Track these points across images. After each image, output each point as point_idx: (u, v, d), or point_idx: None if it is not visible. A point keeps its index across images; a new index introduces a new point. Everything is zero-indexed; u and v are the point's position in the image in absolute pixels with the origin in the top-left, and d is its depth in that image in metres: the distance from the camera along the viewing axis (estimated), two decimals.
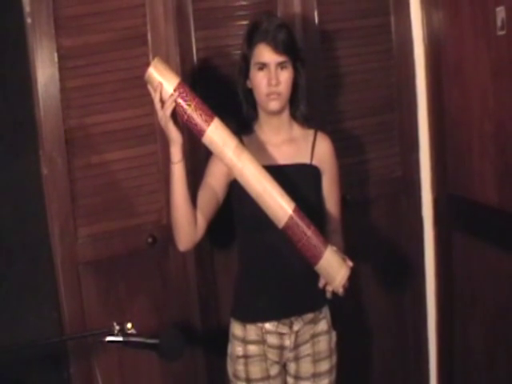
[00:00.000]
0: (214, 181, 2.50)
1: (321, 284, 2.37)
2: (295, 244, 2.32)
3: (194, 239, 2.47)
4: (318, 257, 2.31)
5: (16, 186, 2.68)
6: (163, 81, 2.25)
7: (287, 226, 2.30)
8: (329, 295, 2.38)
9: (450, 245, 3.31)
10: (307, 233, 2.29)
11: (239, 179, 2.33)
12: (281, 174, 2.42)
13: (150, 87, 2.30)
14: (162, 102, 2.26)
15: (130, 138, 2.84)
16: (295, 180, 2.50)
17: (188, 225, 2.42)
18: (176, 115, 2.28)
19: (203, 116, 2.27)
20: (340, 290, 2.35)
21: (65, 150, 2.74)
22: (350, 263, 2.36)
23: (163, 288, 2.96)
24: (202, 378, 3.06)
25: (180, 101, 2.25)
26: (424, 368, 3.51)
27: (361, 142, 3.24)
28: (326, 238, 2.40)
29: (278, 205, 2.30)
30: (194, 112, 2.26)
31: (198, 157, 2.80)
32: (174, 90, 2.24)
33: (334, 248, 2.35)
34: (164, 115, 2.27)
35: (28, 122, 2.70)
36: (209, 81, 2.93)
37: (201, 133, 2.28)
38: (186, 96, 2.26)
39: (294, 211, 2.29)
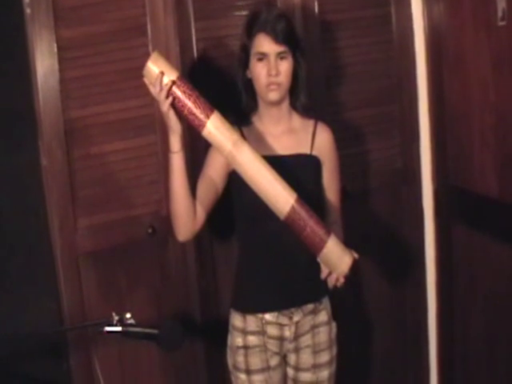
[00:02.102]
0: (214, 172, 2.50)
1: (323, 274, 2.37)
2: (298, 234, 2.32)
3: (193, 230, 2.47)
4: (320, 246, 2.32)
5: (15, 177, 2.67)
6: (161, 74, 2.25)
7: (289, 217, 2.30)
8: (331, 285, 2.39)
9: (451, 236, 3.31)
10: (309, 223, 2.30)
11: (240, 172, 2.33)
12: (281, 165, 2.42)
13: (146, 81, 2.29)
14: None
15: (129, 128, 2.83)
16: (295, 170, 2.50)
17: (187, 215, 2.42)
18: (172, 103, 2.28)
19: (203, 110, 2.27)
20: (341, 281, 2.36)
21: (64, 141, 2.73)
22: (355, 254, 2.37)
23: (163, 278, 2.96)
24: (202, 369, 3.06)
25: (179, 95, 2.25)
26: (424, 358, 3.52)
27: (361, 132, 3.24)
28: (328, 227, 2.40)
29: (280, 196, 2.30)
30: (193, 106, 2.26)
31: (198, 148, 2.79)
32: (173, 84, 2.24)
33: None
34: (164, 106, 2.26)
35: (27, 113, 2.70)
36: (208, 71, 2.92)
37: (201, 127, 2.28)
38: (186, 90, 2.26)
39: (296, 202, 2.30)
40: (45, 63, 2.69)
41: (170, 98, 2.26)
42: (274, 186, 2.30)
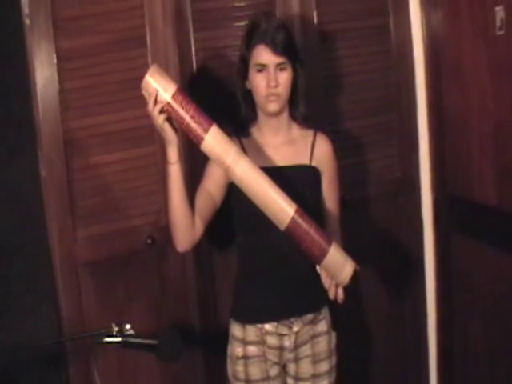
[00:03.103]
0: (213, 182, 2.50)
1: (327, 284, 2.37)
2: (299, 245, 2.32)
3: (192, 240, 2.47)
4: (322, 255, 2.31)
5: (15, 187, 2.67)
6: (159, 88, 2.24)
7: (289, 228, 2.30)
8: (331, 296, 2.38)
9: (450, 245, 3.31)
10: (310, 233, 2.29)
11: (239, 185, 2.33)
12: (280, 176, 2.42)
13: (144, 93, 2.29)
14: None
15: (128, 139, 2.84)
16: (294, 181, 2.50)
17: (186, 225, 2.42)
18: (171, 116, 2.28)
19: (201, 123, 2.26)
20: (341, 293, 2.35)
21: (63, 152, 2.74)
22: (357, 266, 2.36)
23: (162, 289, 2.96)
24: (201, 379, 3.06)
25: (178, 108, 2.24)
26: (424, 368, 3.51)
27: (360, 142, 3.24)
28: (329, 235, 2.40)
29: (280, 208, 2.29)
30: (191, 120, 2.24)
31: (197, 158, 2.79)
32: (172, 97, 2.24)
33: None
34: (158, 120, 2.26)
35: (27, 123, 2.70)
36: (208, 82, 2.93)
37: (199, 140, 2.27)
38: (184, 103, 2.24)
39: (296, 213, 2.29)
40: (44, 74, 2.69)
41: (164, 114, 2.25)
42: (273, 199, 2.29)
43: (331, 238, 2.37)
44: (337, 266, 2.34)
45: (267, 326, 2.56)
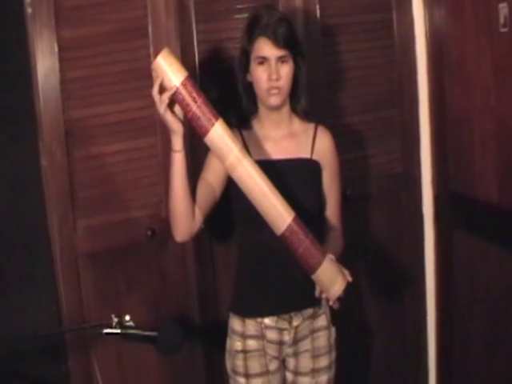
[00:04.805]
0: (213, 175, 2.48)
1: (317, 293, 2.36)
2: (293, 253, 2.31)
3: (191, 231, 2.45)
4: (315, 267, 2.30)
5: (15, 177, 2.67)
6: (169, 72, 2.20)
7: (285, 234, 2.28)
8: (324, 303, 2.38)
9: (451, 242, 3.30)
10: (305, 243, 2.28)
11: (239, 183, 2.31)
12: (281, 169, 2.42)
13: (154, 74, 2.27)
14: (162, 92, 2.23)
15: (129, 130, 2.83)
16: (295, 175, 2.50)
17: (186, 215, 2.39)
18: (175, 107, 2.26)
19: (208, 115, 2.23)
20: (332, 302, 2.35)
21: (64, 142, 2.73)
22: (349, 278, 2.35)
23: (162, 281, 2.96)
24: (201, 372, 3.06)
25: (186, 97, 2.21)
26: (423, 364, 3.51)
27: (362, 137, 3.23)
28: (324, 247, 2.39)
29: (278, 213, 2.28)
30: (198, 110, 2.22)
31: (198, 150, 2.78)
32: (181, 84, 2.21)
33: (332, 257, 2.35)
34: (160, 108, 2.23)
35: (28, 113, 2.70)
36: (209, 74, 2.92)
37: (204, 132, 2.25)
38: (193, 92, 2.21)
39: (293, 221, 2.27)
40: (45, 63, 2.69)
41: (167, 101, 2.23)
42: (272, 203, 2.27)
43: (326, 250, 2.36)
44: (328, 280, 2.32)
45: (267, 320, 2.55)
